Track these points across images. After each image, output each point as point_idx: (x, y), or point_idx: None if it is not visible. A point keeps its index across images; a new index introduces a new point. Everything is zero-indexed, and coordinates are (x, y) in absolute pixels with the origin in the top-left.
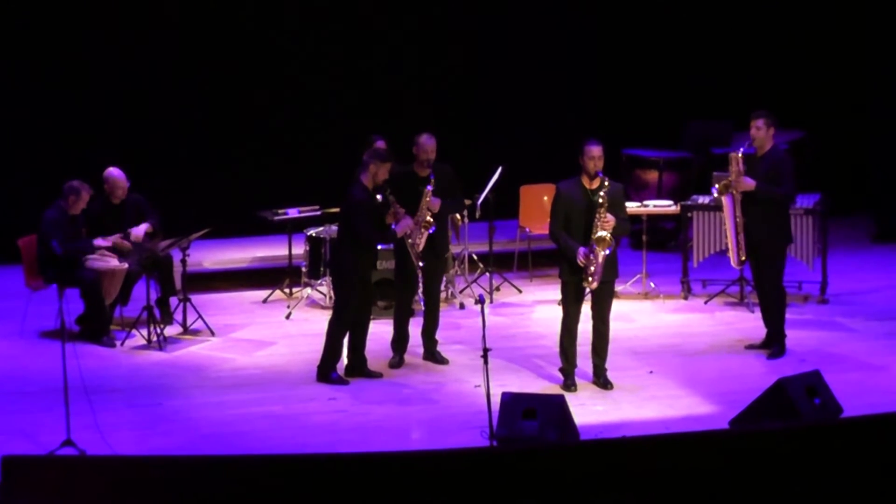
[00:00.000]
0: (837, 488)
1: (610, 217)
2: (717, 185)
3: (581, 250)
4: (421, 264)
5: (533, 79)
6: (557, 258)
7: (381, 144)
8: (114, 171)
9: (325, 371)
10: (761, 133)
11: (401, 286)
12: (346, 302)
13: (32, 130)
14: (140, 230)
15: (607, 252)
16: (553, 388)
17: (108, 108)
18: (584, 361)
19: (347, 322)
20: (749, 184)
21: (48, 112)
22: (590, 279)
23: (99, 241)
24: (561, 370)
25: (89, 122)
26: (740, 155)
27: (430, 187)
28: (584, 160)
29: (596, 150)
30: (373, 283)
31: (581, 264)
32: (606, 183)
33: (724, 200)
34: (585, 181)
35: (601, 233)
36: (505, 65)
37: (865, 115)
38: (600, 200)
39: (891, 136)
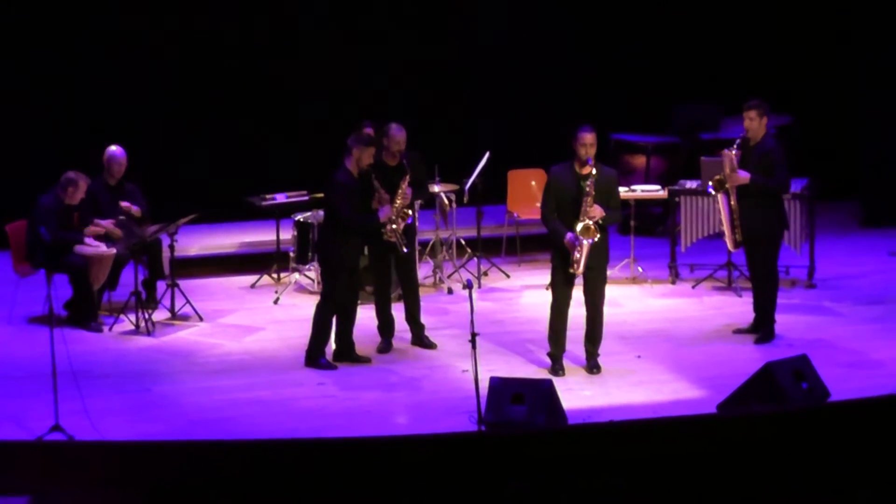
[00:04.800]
0: (825, 472)
1: (597, 207)
2: (711, 184)
3: (568, 235)
4: (406, 250)
5: (521, 63)
6: (547, 242)
7: (369, 130)
8: (113, 150)
9: (314, 356)
10: (755, 123)
11: (376, 273)
12: (333, 287)
13: (20, 117)
14: (133, 205)
15: (591, 241)
16: (541, 373)
17: (97, 95)
18: (575, 346)
19: (334, 307)
20: (743, 177)
21: (36, 99)
22: (574, 265)
23: (89, 240)
24: (549, 355)
25: (77, 108)
26: (734, 153)
27: (406, 179)
28: (576, 146)
29: (588, 137)
30: (361, 268)
31: (568, 249)
32: (594, 172)
33: (720, 198)
34: (577, 166)
35: (585, 222)
36: (493, 50)
37: (853, 99)
38: (587, 189)
39: (879, 120)
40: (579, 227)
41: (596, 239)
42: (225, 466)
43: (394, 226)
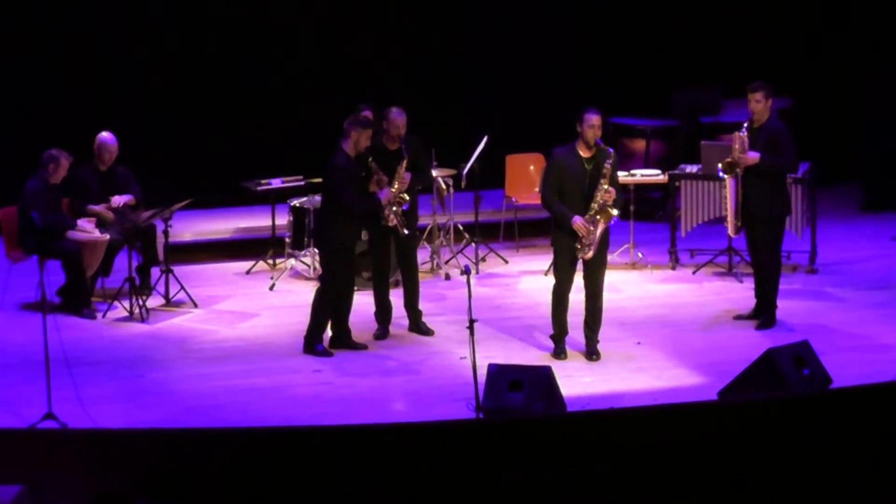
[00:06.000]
0: (826, 459)
1: (612, 189)
2: (721, 166)
3: (576, 219)
4: (406, 232)
5: (518, 46)
6: (546, 226)
7: (367, 114)
8: (104, 136)
9: (311, 342)
10: (760, 106)
11: (375, 258)
12: (333, 272)
13: (10, 102)
14: (121, 199)
15: (613, 221)
16: (540, 359)
17: (89, 78)
18: (575, 332)
19: (334, 293)
20: (753, 157)
21: (26, 83)
22: (586, 249)
23: (82, 223)
24: (552, 337)
25: (69, 92)
26: (745, 135)
27: (403, 164)
28: (584, 128)
29: (595, 119)
30: (357, 253)
31: (580, 233)
32: (611, 151)
33: (728, 181)
34: (581, 149)
35: (610, 209)
36: (490, 32)
37: (853, 82)
38: (604, 171)
39: (880, 103)
40: (600, 208)
41: (615, 217)
42: (220, 454)
43: (394, 208)
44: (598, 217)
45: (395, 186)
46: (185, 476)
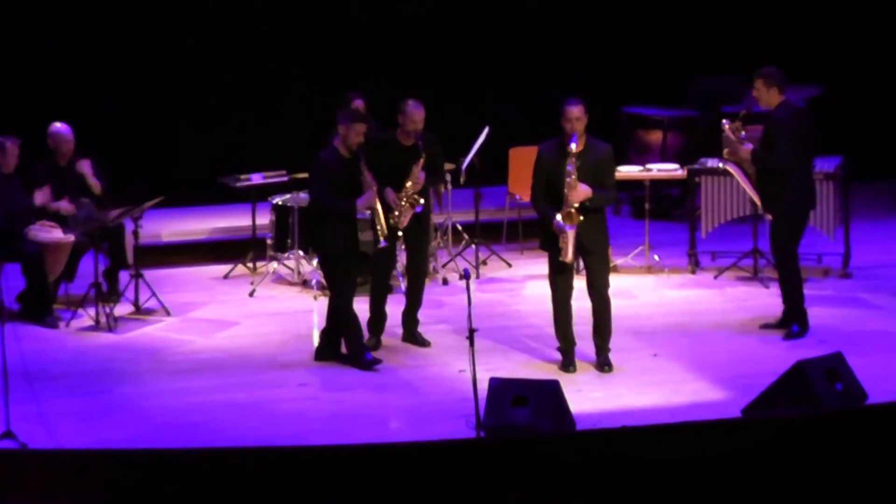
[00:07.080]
0: (860, 481)
1: (581, 188)
2: (723, 154)
3: (555, 220)
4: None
5: (524, 31)
6: (539, 227)
7: (358, 104)
8: (58, 127)
9: (356, 357)
10: (761, 94)
11: (376, 262)
12: (337, 275)
13: None
14: (85, 165)
15: (570, 228)
16: (547, 370)
17: (51, 64)
18: (584, 342)
19: (347, 294)
20: (745, 150)
21: None
22: (562, 253)
23: (38, 198)
24: (559, 349)
25: (30, 80)
26: (727, 127)
27: (420, 163)
28: (562, 122)
29: (573, 111)
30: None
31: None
32: (604, 146)
33: (731, 168)
34: (567, 143)
35: (575, 213)
36: (494, 16)
37: (889, 69)
38: (568, 169)
39: None
40: (564, 211)
41: (576, 225)
42: (195, 477)
43: (397, 212)
44: (563, 221)
45: (409, 186)
46: (156, 501)
